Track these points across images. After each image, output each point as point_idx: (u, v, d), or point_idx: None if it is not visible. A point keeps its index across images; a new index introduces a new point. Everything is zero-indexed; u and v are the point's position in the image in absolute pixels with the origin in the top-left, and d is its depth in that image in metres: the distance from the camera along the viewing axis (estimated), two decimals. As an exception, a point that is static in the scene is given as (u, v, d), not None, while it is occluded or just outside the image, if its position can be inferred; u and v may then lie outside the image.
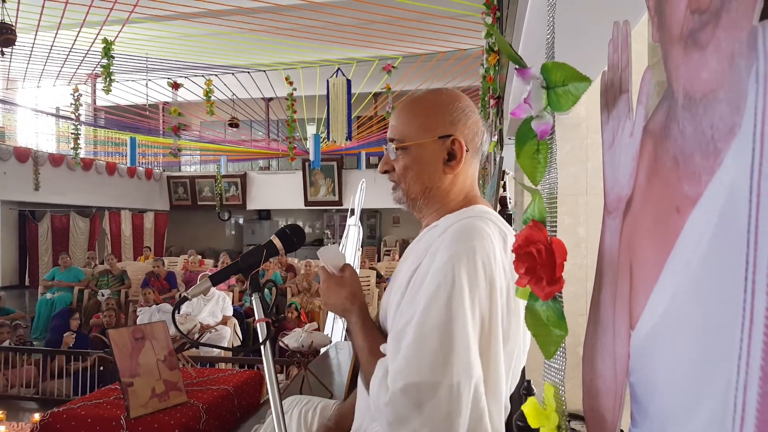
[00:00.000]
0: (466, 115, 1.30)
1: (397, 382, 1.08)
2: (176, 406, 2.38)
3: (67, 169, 12.99)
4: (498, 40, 0.86)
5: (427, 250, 1.21)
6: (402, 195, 1.33)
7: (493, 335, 1.13)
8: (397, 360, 1.10)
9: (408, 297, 1.18)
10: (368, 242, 16.98)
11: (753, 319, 0.32)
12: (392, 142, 1.31)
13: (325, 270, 1.39)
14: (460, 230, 1.17)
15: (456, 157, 1.28)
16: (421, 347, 1.08)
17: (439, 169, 1.28)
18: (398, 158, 1.31)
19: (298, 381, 2.85)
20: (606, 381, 0.59)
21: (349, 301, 1.33)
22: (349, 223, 7.05)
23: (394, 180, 1.33)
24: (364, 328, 1.29)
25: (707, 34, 0.39)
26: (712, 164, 0.38)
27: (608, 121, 0.60)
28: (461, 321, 1.08)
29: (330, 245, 1.44)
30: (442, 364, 1.06)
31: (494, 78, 3.90)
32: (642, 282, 0.51)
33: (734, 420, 0.34)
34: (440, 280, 1.10)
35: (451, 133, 1.27)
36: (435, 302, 1.09)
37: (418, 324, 1.09)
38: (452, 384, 1.05)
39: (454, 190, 1.31)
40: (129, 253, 15.17)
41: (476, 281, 1.11)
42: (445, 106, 1.29)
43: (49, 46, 8.61)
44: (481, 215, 1.24)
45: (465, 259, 1.11)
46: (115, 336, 2.37)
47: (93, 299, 9.16)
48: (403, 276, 1.25)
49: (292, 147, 11.37)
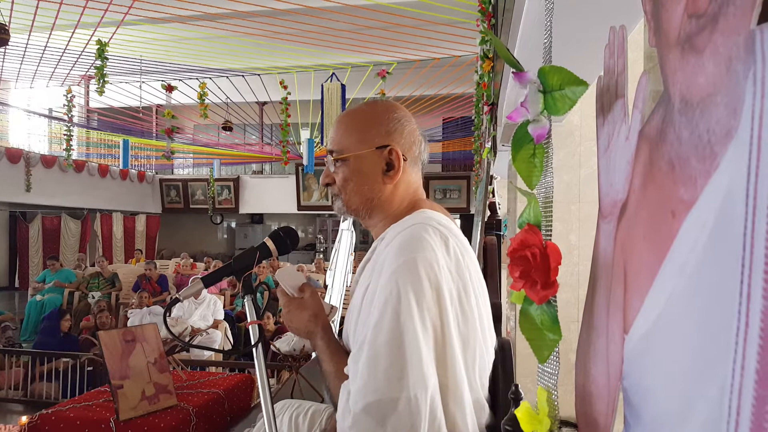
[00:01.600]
0: (401, 125, 1.32)
1: (358, 404, 1.09)
2: (166, 409, 2.36)
3: (59, 170, 12.91)
4: (495, 44, 0.86)
5: (376, 266, 1.21)
6: (342, 205, 1.34)
7: (447, 342, 1.13)
8: (356, 381, 1.11)
9: (362, 315, 1.19)
10: (361, 247, 16.93)
11: (749, 323, 0.32)
12: (331, 154, 1.33)
13: (284, 293, 1.38)
14: (400, 243, 1.18)
15: (394, 167, 1.29)
16: (376, 365, 1.08)
17: (378, 180, 1.30)
18: (337, 170, 1.32)
19: (290, 385, 2.83)
20: (599, 385, 0.59)
21: (312, 322, 1.34)
22: (342, 227, 7.04)
23: (335, 192, 1.35)
24: (329, 350, 1.30)
25: (704, 38, 0.39)
26: (708, 168, 0.38)
27: (604, 125, 0.60)
28: (411, 333, 1.08)
29: (287, 266, 1.44)
30: (397, 379, 1.06)
31: (488, 85, 3.91)
32: (636, 286, 0.51)
33: (728, 424, 0.34)
34: (386, 296, 1.11)
35: (388, 144, 1.29)
36: (383, 318, 1.10)
37: (371, 342, 1.10)
38: (410, 397, 1.06)
39: (396, 199, 1.32)
40: (120, 255, 15.09)
41: (422, 292, 1.11)
42: (380, 117, 1.32)
43: (42, 47, 8.57)
44: (424, 222, 1.23)
45: (407, 271, 1.11)
46: (106, 338, 2.35)
47: (83, 301, 9.10)
48: (358, 293, 1.26)
49: (285, 151, 11.35)
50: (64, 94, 10.85)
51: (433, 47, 8.57)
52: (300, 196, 16.14)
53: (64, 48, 8.61)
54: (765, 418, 0.31)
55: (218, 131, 13.70)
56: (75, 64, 9.64)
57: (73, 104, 11.07)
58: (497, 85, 3.58)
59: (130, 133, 13.27)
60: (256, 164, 17.84)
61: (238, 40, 9.01)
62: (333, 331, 1.36)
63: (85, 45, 8.33)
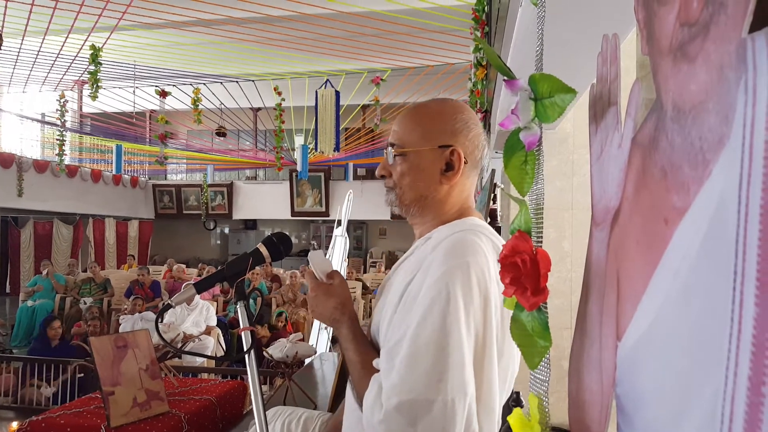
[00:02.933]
0: (468, 127, 1.29)
1: (391, 400, 1.06)
2: (158, 416, 2.35)
3: (51, 175, 12.85)
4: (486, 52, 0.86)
5: (420, 264, 1.19)
6: (395, 199, 1.31)
7: (487, 351, 1.11)
8: (390, 376, 1.09)
9: (401, 311, 1.17)
10: (354, 254, 16.94)
11: (741, 330, 0.32)
12: (392, 147, 1.31)
13: (313, 277, 1.36)
14: (453, 245, 1.16)
15: (454, 168, 1.26)
16: (415, 363, 1.06)
17: (435, 179, 1.27)
18: (396, 164, 1.30)
19: (282, 392, 2.83)
20: (592, 392, 0.59)
21: (339, 311, 1.31)
22: (335, 234, 7.03)
23: (390, 185, 1.32)
24: (355, 341, 1.27)
25: (696, 46, 0.40)
26: (700, 175, 0.38)
27: (597, 132, 0.61)
28: (456, 337, 1.06)
29: (318, 251, 1.42)
30: (437, 381, 1.04)
31: (482, 92, 3.93)
32: (629, 293, 0.51)
33: (722, 431, 0.34)
34: (434, 296, 1.09)
35: (451, 144, 1.26)
36: (429, 318, 1.08)
37: (412, 339, 1.08)
38: (447, 401, 1.04)
39: (450, 201, 1.30)
40: (112, 261, 15.02)
41: (471, 297, 1.09)
42: (448, 116, 1.29)
43: (35, 52, 8.55)
44: (473, 228, 1.22)
45: (459, 275, 1.10)
46: (97, 344, 2.34)
47: (75, 307, 9.05)
48: (396, 289, 1.23)
49: (279, 157, 11.35)
50: (57, 99, 10.82)
51: (427, 55, 8.60)
52: (294, 202, 16.13)
53: (58, 53, 8.59)
54: (758, 426, 0.31)
55: (212, 137, 13.68)
56: (68, 69, 9.62)
57: (66, 109, 11.04)
58: (490, 92, 3.59)
59: (123, 138, 13.24)
60: (249, 170, 17.82)
61: (233, 46, 9.01)
62: (359, 322, 1.34)
63: (79, 50, 8.31)
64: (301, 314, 7.99)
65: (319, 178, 15.72)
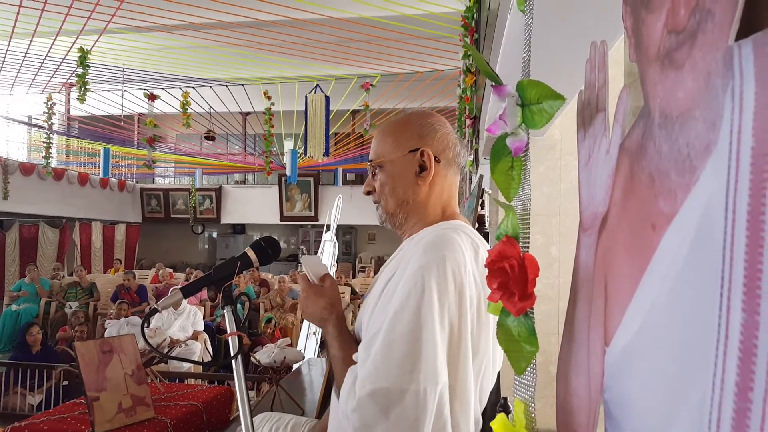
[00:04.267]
0: (434, 129, 1.36)
1: (364, 388, 1.09)
2: (143, 422, 2.32)
3: (37, 178, 12.73)
4: (475, 58, 0.86)
5: (402, 261, 1.24)
6: (382, 212, 1.38)
7: (462, 343, 1.15)
8: (365, 366, 1.12)
9: (380, 304, 1.21)
10: (343, 258, 16.91)
11: (728, 335, 0.33)
12: (370, 163, 1.39)
13: (305, 279, 1.40)
14: (432, 240, 1.21)
15: (427, 168, 1.33)
16: (389, 353, 1.10)
17: (412, 182, 1.34)
18: (376, 177, 1.37)
19: (270, 397, 2.81)
20: (580, 398, 0.59)
21: (327, 310, 1.35)
22: (324, 238, 7.02)
23: (376, 200, 1.39)
24: (340, 338, 1.31)
25: (683, 53, 0.40)
26: (688, 182, 0.39)
27: (585, 139, 0.61)
28: (429, 328, 1.10)
29: (314, 255, 1.47)
30: (409, 371, 1.08)
31: (471, 98, 3.95)
32: (617, 299, 0.51)
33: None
34: (410, 288, 1.13)
35: (420, 146, 1.33)
36: (404, 310, 1.12)
37: (387, 331, 1.12)
38: (418, 390, 1.07)
39: (431, 203, 1.36)
40: (99, 265, 14.88)
41: (446, 290, 1.13)
42: (413, 123, 1.37)
43: (23, 54, 8.48)
44: (454, 227, 1.28)
45: (435, 268, 1.14)
46: (82, 349, 2.31)
47: (60, 311, 8.95)
48: (378, 286, 1.29)
49: (268, 161, 11.32)
50: (44, 101, 10.73)
51: (416, 61, 8.63)
52: (283, 207, 16.08)
53: (45, 55, 8.53)
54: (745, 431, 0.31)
55: (201, 141, 13.62)
56: (56, 72, 9.55)
57: (54, 112, 10.95)
58: (479, 99, 3.61)
59: (111, 141, 13.14)
60: (238, 174, 17.76)
61: (222, 50, 8.99)
62: (346, 322, 1.38)
63: (67, 52, 8.25)
64: (290, 319, 7.96)
65: (309, 182, 15.69)
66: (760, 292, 0.30)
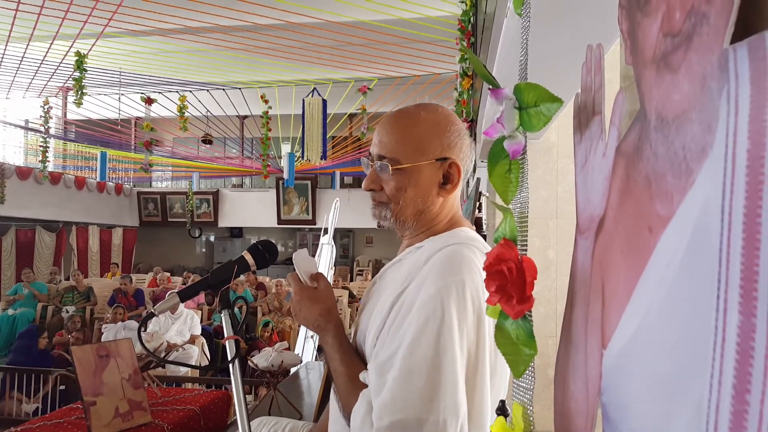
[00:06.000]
0: (461, 139, 1.27)
1: (383, 419, 1.05)
2: (140, 427, 2.31)
3: (34, 182, 12.70)
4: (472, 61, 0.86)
5: (413, 275, 1.17)
6: (390, 215, 1.26)
7: (479, 369, 1.10)
8: (382, 394, 1.07)
9: (392, 324, 1.15)
10: (341, 262, 16.90)
11: (725, 338, 0.33)
12: (382, 159, 1.24)
13: (297, 280, 1.32)
14: (448, 260, 1.14)
15: (452, 181, 1.25)
16: (408, 382, 1.05)
17: (433, 193, 1.25)
18: (389, 178, 1.24)
19: (267, 401, 2.80)
20: (578, 401, 0.59)
21: (324, 318, 1.27)
22: (322, 242, 7.01)
23: (382, 200, 1.27)
24: (341, 350, 1.24)
25: (679, 56, 0.40)
26: (684, 184, 0.39)
27: (581, 141, 0.61)
28: (450, 357, 1.05)
29: (302, 249, 1.39)
30: (428, 401, 1.03)
31: (468, 102, 3.95)
32: (614, 301, 0.51)
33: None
34: (429, 314, 1.08)
35: (449, 156, 1.23)
36: (423, 336, 1.07)
37: (405, 357, 1.07)
38: (438, 421, 1.03)
39: (443, 213, 1.28)
40: (96, 269, 14.84)
41: (465, 315, 1.09)
42: (442, 127, 1.25)
43: (19, 58, 8.47)
44: (467, 242, 1.21)
45: (454, 293, 1.09)
46: (79, 353, 2.30)
47: (57, 316, 8.92)
48: (386, 300, 1.20)
49: (266, 165, 11.31)
50: (41, 106, 10.71)
51: (413, 64, 8.64)
52: (280, 210, 16.07)
53: (42, 59, 8.52)
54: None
55: (198, 144, 13.60)
56: (53, 76, 9.54)
57: (50, 116, 10.93)
58: (476, 102, 3.61)
59: (108, 145, 13.12)
60: (235, 178, 17.75)
61: (220, 54, 8.99)
62: (345, 328, 1.31)
63: (64, 56, 8.24)
64: (287, 323, 7.95)
65: (306, 186, 15.69)
66: (756, 294, 0.30)
